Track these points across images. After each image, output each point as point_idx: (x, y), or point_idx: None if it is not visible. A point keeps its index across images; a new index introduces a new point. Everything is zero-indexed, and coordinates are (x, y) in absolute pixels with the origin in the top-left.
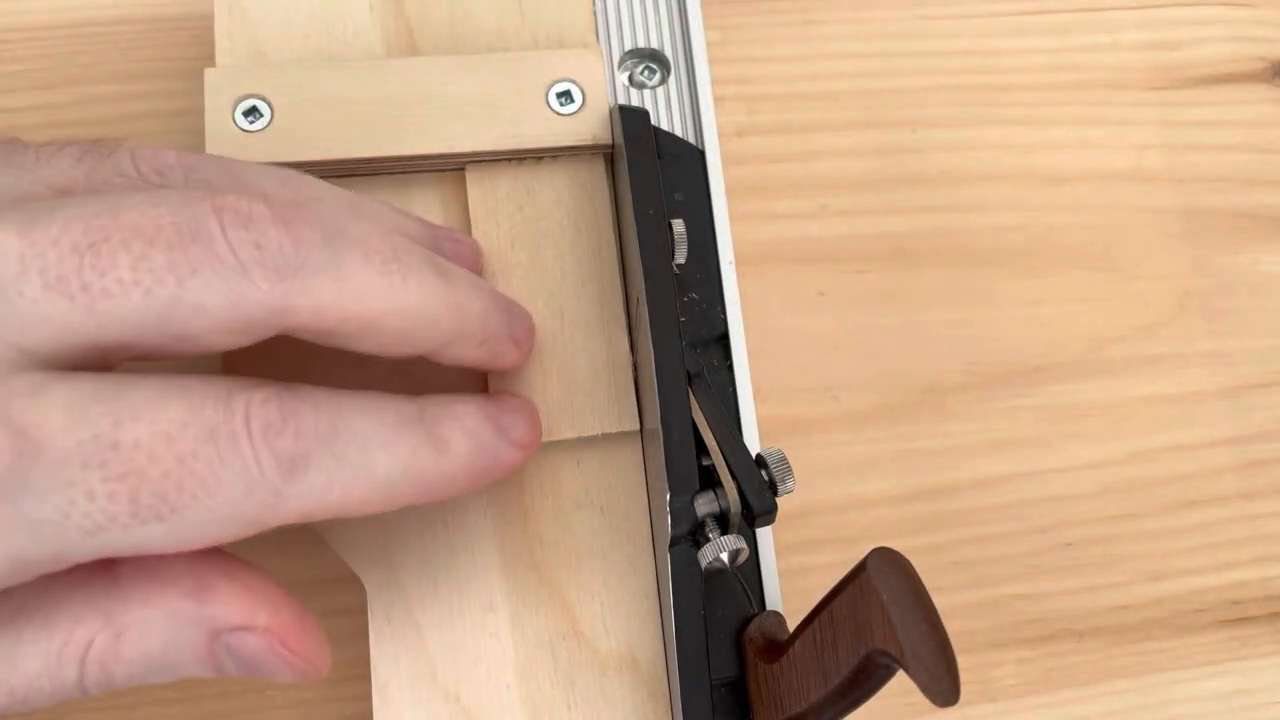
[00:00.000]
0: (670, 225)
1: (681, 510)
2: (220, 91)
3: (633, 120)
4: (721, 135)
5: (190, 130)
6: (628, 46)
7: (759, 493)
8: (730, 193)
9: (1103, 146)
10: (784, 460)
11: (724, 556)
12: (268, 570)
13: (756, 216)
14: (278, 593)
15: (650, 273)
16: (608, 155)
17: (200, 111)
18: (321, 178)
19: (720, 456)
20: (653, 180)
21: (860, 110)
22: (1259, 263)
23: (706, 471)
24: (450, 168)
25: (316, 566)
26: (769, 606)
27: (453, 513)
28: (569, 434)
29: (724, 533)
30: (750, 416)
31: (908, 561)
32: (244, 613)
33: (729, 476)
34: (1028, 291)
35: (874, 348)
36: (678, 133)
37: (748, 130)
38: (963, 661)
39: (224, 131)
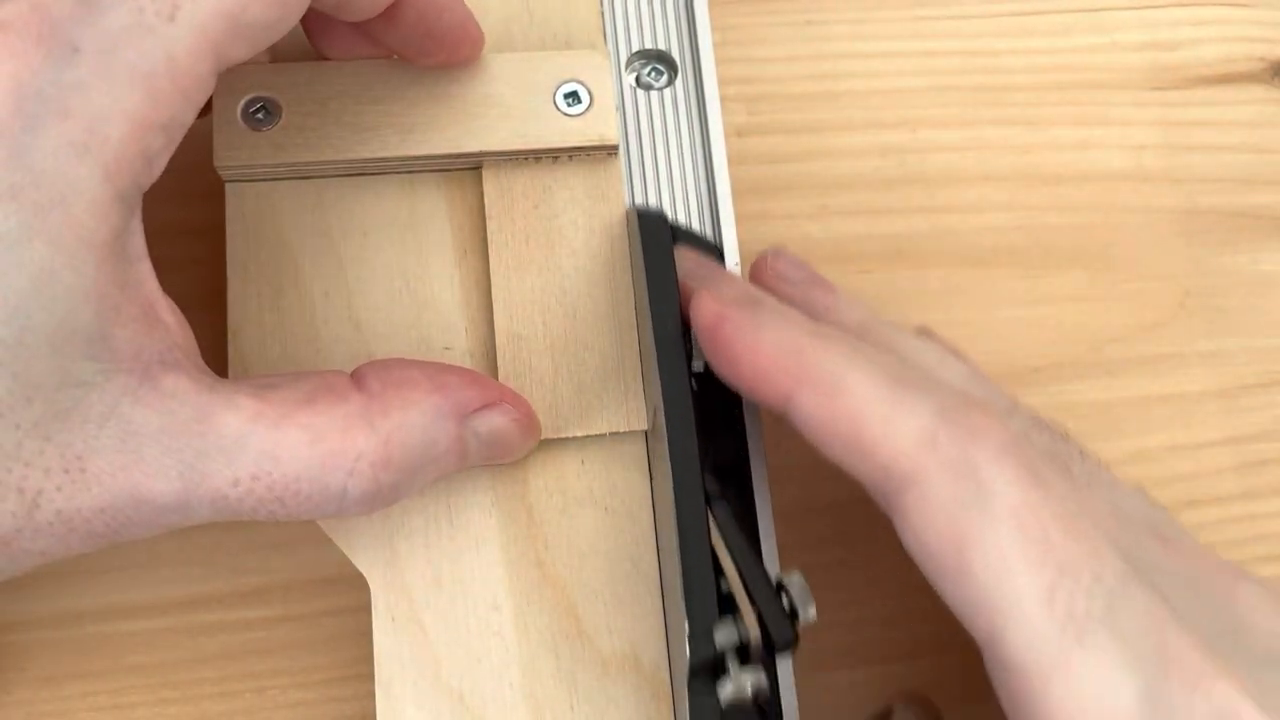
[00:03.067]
0: (688, 333)
1: (701, 644)
2: (228, 90)
3: (650, 225)
4: None
5: (197, 129)
6: (635, 48)
7: (779, 623)
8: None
9: (1102, 146)
10: (804, 586)
11: (748, 691)
12: (268, 569)
13: (756, 216)
14: (489, 378)
15: (669, 399)
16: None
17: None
18: (328, 177)
19: (740, 583)
20: (671, 289)
21: (860, 110)
22: (1259, 263)
23: (725, 598)
24: (458, 167)
25: (318, 566)
26: None
27: (457, 511)
28: (577, 432)
29: (744, 663)
30: (769, 533)
31: (937, 707)
32: (481, 394)
33: (749, 604)
34: (1027, 291)
35: None
36: (684, 134)
37: (748, 130)
38: (963, 661)
39: (232, 130)
